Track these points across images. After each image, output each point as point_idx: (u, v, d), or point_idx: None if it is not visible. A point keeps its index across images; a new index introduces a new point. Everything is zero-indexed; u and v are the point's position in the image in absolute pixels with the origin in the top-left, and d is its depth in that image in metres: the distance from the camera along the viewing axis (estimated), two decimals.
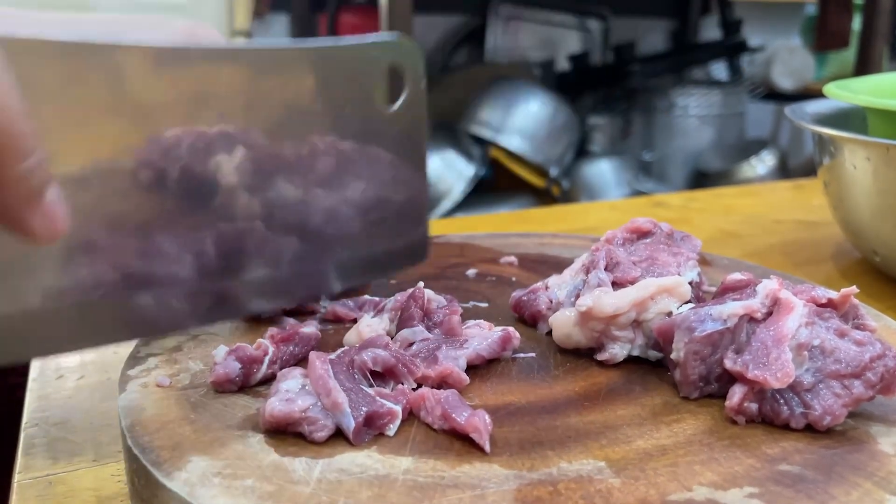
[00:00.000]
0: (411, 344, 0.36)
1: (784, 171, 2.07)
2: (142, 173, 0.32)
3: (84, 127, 0.30)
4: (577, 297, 0.38)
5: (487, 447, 0.29)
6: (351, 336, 0.38)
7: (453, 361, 0.35)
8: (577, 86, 2.14)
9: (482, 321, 0.39)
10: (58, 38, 0.29)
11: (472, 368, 0.36)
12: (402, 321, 0.38)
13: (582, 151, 2.04)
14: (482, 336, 0.37)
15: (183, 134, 0.33)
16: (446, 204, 1.77)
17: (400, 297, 0.39)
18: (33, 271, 0.30)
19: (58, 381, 0.45)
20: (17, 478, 0.36)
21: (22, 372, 0.47)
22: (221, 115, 0.34)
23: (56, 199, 0.25)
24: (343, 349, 0.34)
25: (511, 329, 0.37)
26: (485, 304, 0.44)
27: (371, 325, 0.38)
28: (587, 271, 0.39)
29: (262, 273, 0.37)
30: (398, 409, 0.31)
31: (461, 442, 0.30)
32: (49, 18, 0.34)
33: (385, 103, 0.39)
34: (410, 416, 0.32)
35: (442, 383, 0.34)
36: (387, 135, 0.40)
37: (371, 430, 0.31)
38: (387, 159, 0.41)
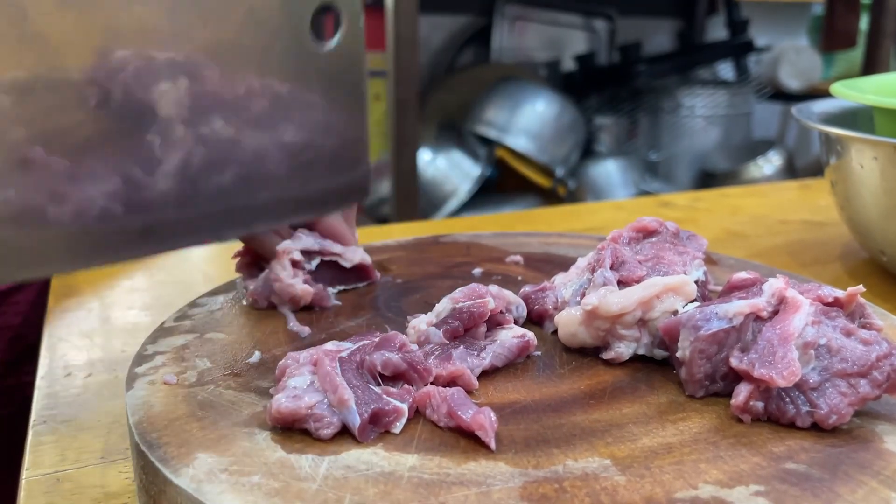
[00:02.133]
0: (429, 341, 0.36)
1: (791, 171, 2.07)
2: (87, 90, 0.34)
3: None
4: (583, 295, 0.38)
5: (493, 445, 0.29)
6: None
7: (468, 366, 0.35)
8: (583, 86, 2.14)
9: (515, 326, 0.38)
10: None
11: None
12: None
13: (588, 151, 2.04)
14: (501, 343, 0.36)
15: (129, 56, 0.34)
16: (452, 203, 1.77)
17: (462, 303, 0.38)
18: None
19: (66, 378, 0.45)
20: (25, 474, 0.36)
21: (31, 370, 0.48)
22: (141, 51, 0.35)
23: None
24: (356, 346, 0.34)
25: (531, 336, 0.37)
26: None
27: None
28: (593, 270, 0.39)
29: (190, 209, 0.38)
30: (404, 406, 0.31)
31: (467, 440, 0.30)
32: None
33: (318, 41, 0.40)
34: (416, 413, 0.32)
35: (451, 383, 0.34)
36: (321, 73, 0.40)
37: (377, 427, 0.31)
38: (321, 98, 0.41)
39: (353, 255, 0.46)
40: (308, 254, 0.45)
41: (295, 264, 0.43)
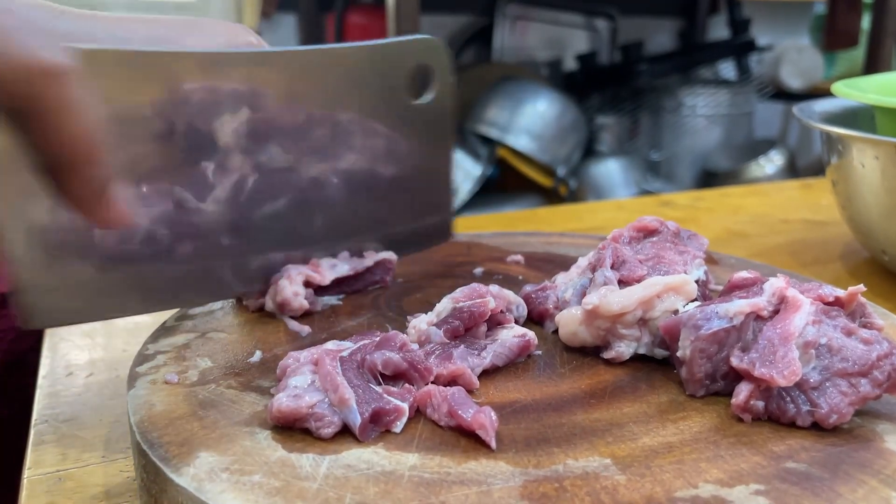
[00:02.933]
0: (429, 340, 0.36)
1: (793, 170, 2.07)
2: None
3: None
4: (584, 295, 0.38)
5: (493, 444, 0.29)
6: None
7: (468, 365, 0.35)
8: (585, 85, 2.14)
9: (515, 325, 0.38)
10: (130, 48, 0.34)
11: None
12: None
13: (589, 151, 2.04)
14: (502, 342, 0.37)
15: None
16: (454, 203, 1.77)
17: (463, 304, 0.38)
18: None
19: (67, 378, 0.45)
20: (26, 473, 0.36)
21: (32, 371, 0.48)
22: (263, 113, 0.39)
23: (119, 195, 0.30)
24: (357, 346, 0.34)
25: (531, 335, 0.37)
26: None
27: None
28: (593, 270, 0.39)
29: (295, 251, 0.43)
30: (405, 406, 0.31)
31: (467, 439, 0.30)
32: (103, 21, 0.37)
33: (413, 97, 0.44)
34: (417, 413, 0.32)
35: (452, 382, 0.34)
36: (414, 126, 0.44)
37: (378, 426, 0.31)
38: (413, 148, 0.45)
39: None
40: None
41: (308, 284, 0.43)
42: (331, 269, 0.44)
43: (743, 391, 0.31)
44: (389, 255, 0.47)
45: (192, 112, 0.37)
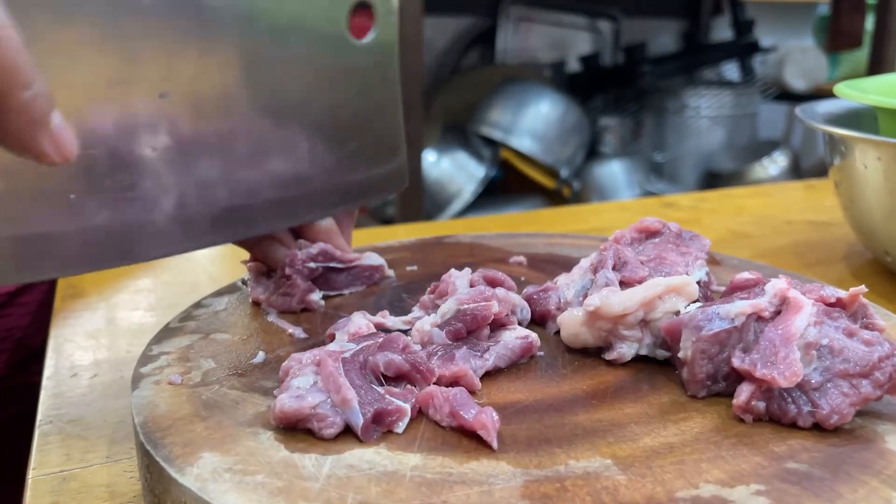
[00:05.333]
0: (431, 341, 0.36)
1: (797, 171, 2.06)
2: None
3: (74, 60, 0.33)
4: (585, 296, 0.38)
5: (495, 444, 0.29)
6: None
7: (470, 367, 0.35)
8: (588, 87, 2.14)
9: (518, 327, 0.39)
10: None
11: None
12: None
13: (593, 152, 2.04)
14: (505, 344, 0.37)
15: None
16: (457, 205, 1.77)
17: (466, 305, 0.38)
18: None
19: (72, 379, 0.45)
20: (31, 473, 0.36)
21: (38, 371, 0.48)
22: (202, 48, 0.36)
23: (60, 123, 0.27)
24: (359, 347, 0.34)
25: (534, 337, 0.37)
26: None
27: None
28: (595, 271, 0.39)
29: (239, 201, 0.40)
30: (407, 406, 0.31)
31: (469, 439, 0.30)
32: None
33: (355, 37, 0.42)
34: (419, 413, 0.32)
35: (454, 383, 0.34)
36: (359, 67, 0.42)
37: (380, 427, 0.31)
38: (359, 90, 0.43)
39: (366, 260, 0.47)
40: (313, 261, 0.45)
41: (309, 274, 0.44)
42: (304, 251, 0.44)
43: (744, 392, 0.31)
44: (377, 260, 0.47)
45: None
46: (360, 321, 0.38)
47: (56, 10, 0.32)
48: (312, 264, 0.44)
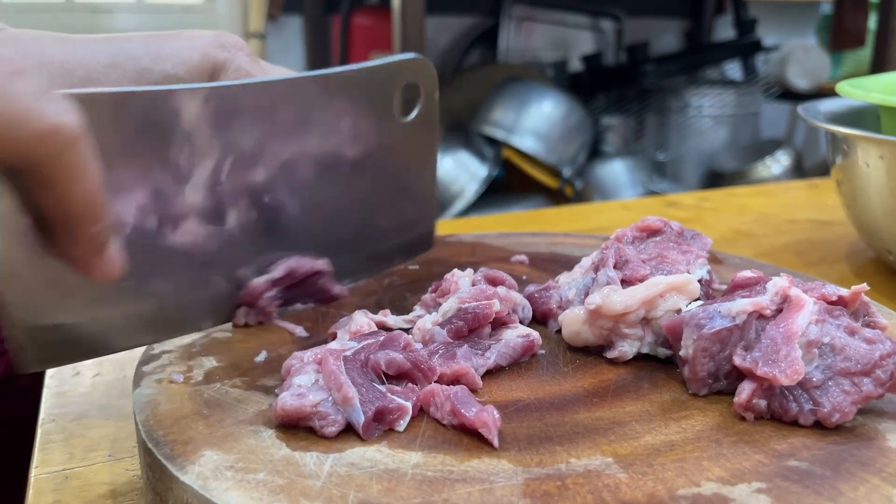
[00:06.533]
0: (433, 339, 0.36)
1: (799, 171, 2.06)
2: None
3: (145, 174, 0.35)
4: (587, 295, 0.38)
5: (496, 442, 0.29)
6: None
7: (472, 365, 0.35)
8: (591, 86, 2.14)
9: (520, 326, 0.39)
10: (125, 90, 0.33)
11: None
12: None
13: (595, 152, 2.04)
14: (506, 343, 0.37)
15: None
16: (459, 205, 1.77)
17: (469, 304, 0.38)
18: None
19: (74, 377, 0.45)
20: (33, 472, 0.36)
21: (40, 371, 0.48)
22: (255, 137, 0.38)
23: (116, 250, 0.29)
24: (361, 345, 0.34)
25: (535, 336, 0.37)
26: None
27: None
28: (596, 269, 0.39)
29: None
30: (408, 404, 0.32)
31: (470, 437, 0.30)
32: (85, 43, 0.36)
33: (401, 114, 0.44)
34: (420, 411, 0.32)
35: (455, 381, 0.34)
36: (402, 141, 0.44)
37: (381, 425, 0.31)
38: (401, 163, 0.45)
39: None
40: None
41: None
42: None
43: (745, 390, 0.31)
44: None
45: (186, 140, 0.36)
46: (362, 320, 0.38)
47: None
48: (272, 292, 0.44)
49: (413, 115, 0.44)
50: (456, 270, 0.41)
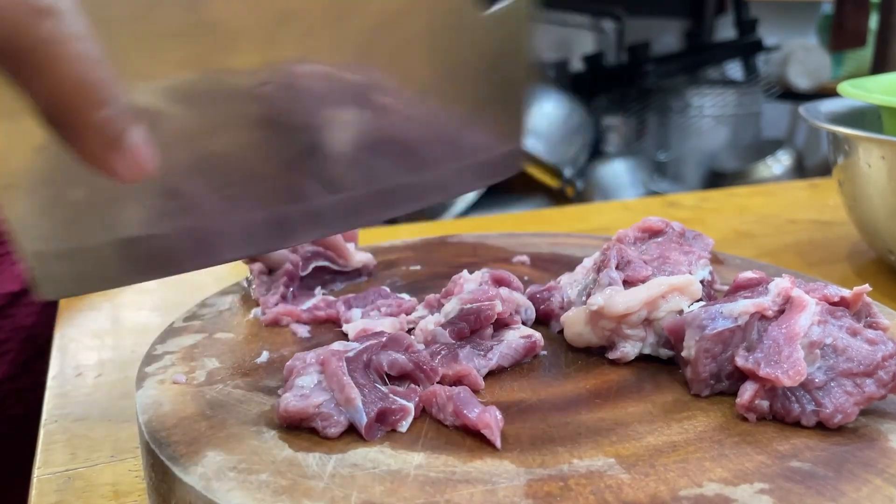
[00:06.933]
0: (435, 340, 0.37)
1: (800, 171, 2.06)
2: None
3: (160, 52, 0.29)
4: (589, 295, 0.38)
5: (498, 443, 0.29)
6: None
7: (474, 366, 0.35)
8: (592, 86, 2.14)
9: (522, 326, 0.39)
10: None
11: None
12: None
13: (596, 152, 2.03)
14: (508, 343, 0.37)
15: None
16: (460, 205, 1.77)
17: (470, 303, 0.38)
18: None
19: (77, 378, 0.45)
20: (36, 473, 0.36)
21: (43, 371, 0.48)
22: (307, 33, 0.32)
23: (139, 141, 0.25)
24: (363, 346, 0.34)
25: (538, 336, 0.37)
26: None
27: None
28: (598, 270, 0.39)
29: (364, 188, 0.36)
30: (410, 405, 0.32)
31: (472, 438, 0.30)
32: None
33: (483, 7, 0.37)
34: (423, 412, 0.32)
35: (457, 382, 0.34)
36: (486, 39, 0.38)
37: (383, 426, 0.31)
38: (485, 66, 0.39)
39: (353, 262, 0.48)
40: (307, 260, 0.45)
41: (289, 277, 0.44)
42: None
43: (748, 391, 0.31)
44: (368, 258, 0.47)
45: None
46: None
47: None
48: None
49: (496, 7, 0.38)
50: (465, 273, 0.41)
